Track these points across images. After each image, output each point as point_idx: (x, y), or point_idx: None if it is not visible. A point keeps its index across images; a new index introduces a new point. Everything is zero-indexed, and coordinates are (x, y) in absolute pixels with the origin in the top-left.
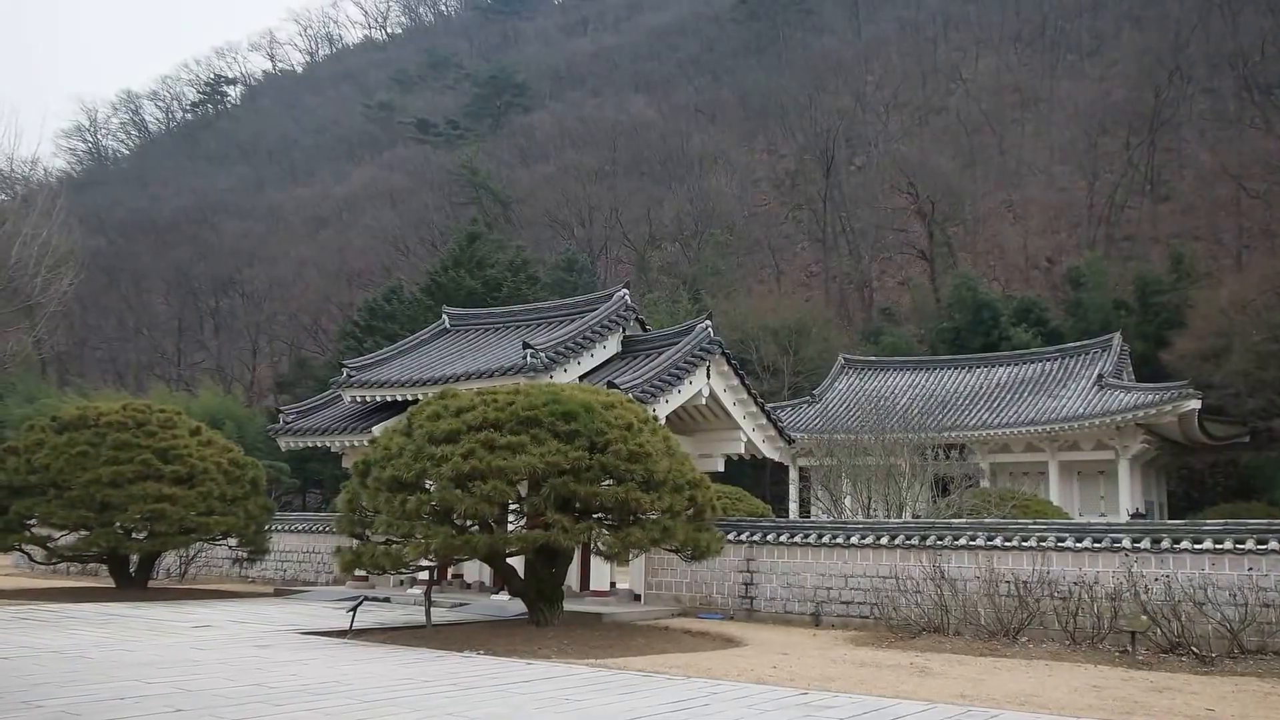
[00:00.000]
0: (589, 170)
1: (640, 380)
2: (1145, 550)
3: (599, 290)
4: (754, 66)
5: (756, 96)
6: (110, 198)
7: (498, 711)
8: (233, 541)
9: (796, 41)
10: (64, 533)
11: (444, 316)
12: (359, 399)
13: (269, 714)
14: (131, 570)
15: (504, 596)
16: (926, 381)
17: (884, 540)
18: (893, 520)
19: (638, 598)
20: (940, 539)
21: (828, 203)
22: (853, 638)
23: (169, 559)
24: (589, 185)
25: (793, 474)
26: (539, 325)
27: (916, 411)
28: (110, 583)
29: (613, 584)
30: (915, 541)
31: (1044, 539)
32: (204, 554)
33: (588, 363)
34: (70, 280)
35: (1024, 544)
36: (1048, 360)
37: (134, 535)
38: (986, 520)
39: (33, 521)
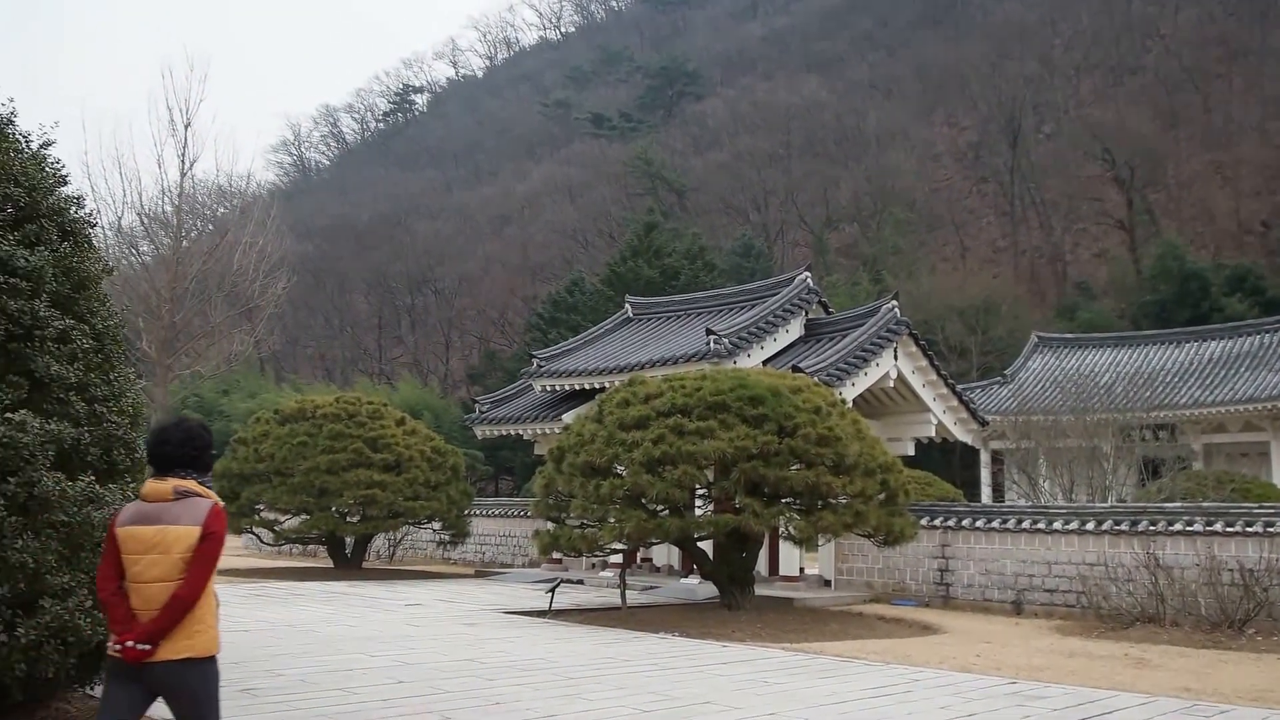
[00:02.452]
0: (763, 154)
1: (826, 363)
2: None
3: (775, 275)
4: (931, 38)
5: (934, 69)
6: (314, 206)
7: (698, 691)
8: (436, 525)
9: (975, 8)
10: (288, 516)
11: (626, 306)
12: (549, 388)
13: (481, 687)
14: (347, 551)
15: (693, 580)
16: (1129, 358)
17: (1090, 525)
18: (1099, 504)
19: (828, 583)
20: (1153, 524)
21: (1015, 174)
22: (1058, 627)
23: (379, 541)
24: (763, 169)
25: (984, 457)
26: (720, 311)
27: (1120, 390)
28: (328, 563)
29: (801, 569)
30: (1125, 527)
31: (1271, 524)
32: (410, 537)
33: (771, 347)
34: (284, 284)
35: (1249, 529)
36: (1267, 332)
37: (348, 519)
38: (1204, 504)
39: (261, 506)
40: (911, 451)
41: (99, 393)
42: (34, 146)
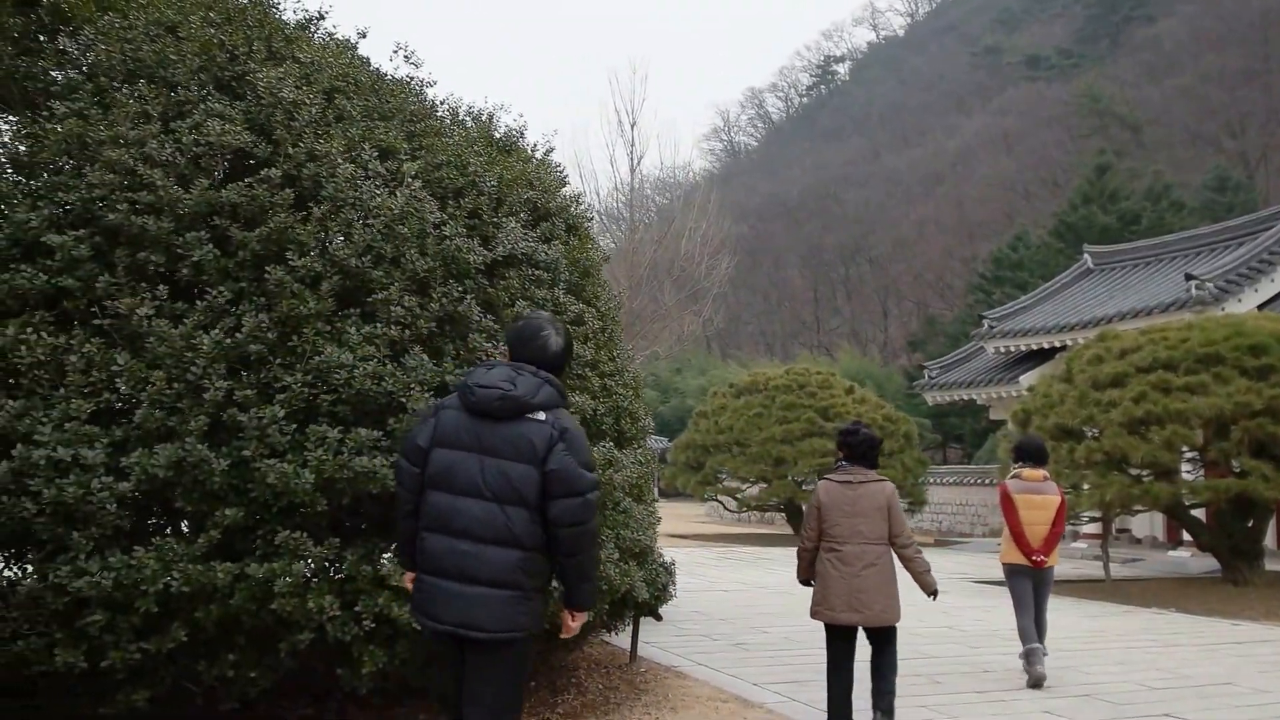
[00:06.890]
0: (1234, 72)
1: None
2: None
3: (1262, 208)
4: None
5: None
6: (746, 187)
7: (1212, 671)
8: None
9: None
10: (747, 485)
11: (1085, 256)
12: (1002, 349)
13: (965, 654)
14: None
15: (1184, 553)
16: None
17: None
18: None
19: None
20: None
21: None
22: None
23: None
24: (1236, 90)
25: None
26: (1197, 253)
27: None
28: (786, 529)
29: None
30: None
31: None
32: None
33: (1268, 289)
34: (726, 265)
35: None
36: None
37: (804, 486)
38: None
39: (724, 475)
40: None
41: (607, 368)
42: (539, 154)
